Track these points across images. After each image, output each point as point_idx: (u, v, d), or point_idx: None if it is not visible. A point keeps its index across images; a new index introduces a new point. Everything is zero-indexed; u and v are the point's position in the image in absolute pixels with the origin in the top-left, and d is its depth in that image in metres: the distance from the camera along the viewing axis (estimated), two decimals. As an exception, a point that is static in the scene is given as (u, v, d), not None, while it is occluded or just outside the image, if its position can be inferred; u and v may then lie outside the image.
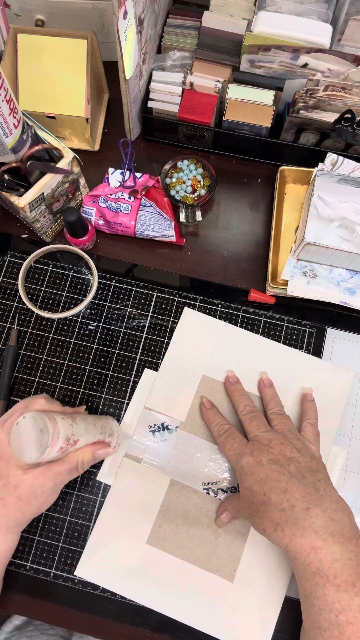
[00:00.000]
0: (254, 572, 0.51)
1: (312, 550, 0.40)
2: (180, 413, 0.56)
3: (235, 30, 0.63)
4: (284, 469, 0.44)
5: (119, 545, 0.52)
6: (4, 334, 0.60)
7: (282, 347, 0.58)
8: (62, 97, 0.62)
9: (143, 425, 0.55)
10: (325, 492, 0.43)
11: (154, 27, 0.61)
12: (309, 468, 0.45)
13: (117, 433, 0.51)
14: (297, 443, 0.47)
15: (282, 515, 0.42)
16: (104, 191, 0.61)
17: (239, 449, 0.47)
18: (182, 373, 0.57)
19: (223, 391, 0.56)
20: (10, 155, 0.51)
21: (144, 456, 0.54)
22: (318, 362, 0.58)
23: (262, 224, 0.66)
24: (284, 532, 0.41)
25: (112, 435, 0.50)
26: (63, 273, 0.62)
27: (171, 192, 0.64)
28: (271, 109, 0.61)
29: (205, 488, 0.53)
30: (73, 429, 0.44)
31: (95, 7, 0.62)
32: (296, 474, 0.44)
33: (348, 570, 0.40)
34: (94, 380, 0.59)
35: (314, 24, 0.57)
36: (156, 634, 0.51)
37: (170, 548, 0.52)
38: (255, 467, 0.45)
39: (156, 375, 0.57)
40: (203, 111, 0.62)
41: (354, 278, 0.59)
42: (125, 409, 0.57)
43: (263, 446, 0.46)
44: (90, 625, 0.52)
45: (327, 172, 0.58)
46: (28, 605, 0.52)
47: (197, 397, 0.56)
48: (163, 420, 0.55)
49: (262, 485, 0.43)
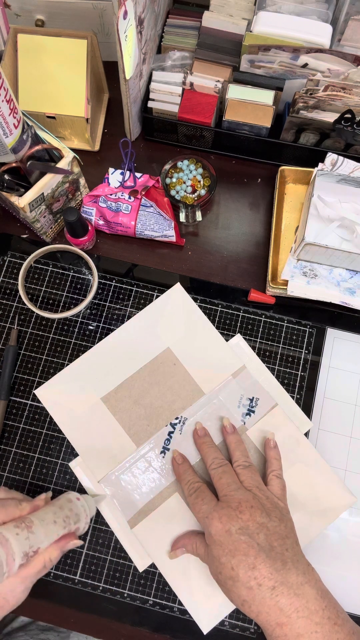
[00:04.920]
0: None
1: (277, 626, 0.42)
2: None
3: (235, 30, 0.63)
4: (253, 540, 0.44)
5: (80, 387, 0.57)
6: (4, 334, 0.60)
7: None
8: (62, 97, 0.62)
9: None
10: (292, 564, 0.43)
11: (154, 27, 0.61)
12: (277, 535, 0.45)
13: (85, 513, 0.49)
14: (267, 503, 0.47)
15: (249, 592, 0.42)
16: (104, 191, 0.61)
17: (207, 512, 0.46)
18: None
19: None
20: (10, 155, 0.51)
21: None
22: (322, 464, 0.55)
23: (262, 224, 0.66)
24: (250, 608, 0.43)
25: (78, 521, 0.48)
26: (63, 273, 0.62)
27: (171, 192, 0.64)
28: (271, 109, 0.61)
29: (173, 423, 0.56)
30: (30, 541, 0.42)
31: (95, 7, 0.62)
32: (265, 546, 0.44)
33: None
34: (94, 380, 0.58)
35: (314, 24, 0.57)
36: (156, 634, 0.52)
37: (118, 415, 0.56)
38: (224, 537, 0.44)
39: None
40: (203, 111, 0.62)
41: (354, 278, 0.59)
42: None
43: (232, 511, 0.45)
44: (90, 625, 0.52)
45: (327, 172, 0.58)
46: (28, 605, 0.52)
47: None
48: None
49: (230, 558, 0.43)
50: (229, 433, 0.54)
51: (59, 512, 0.46)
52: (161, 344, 0.58)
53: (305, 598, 0.42)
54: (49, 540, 0.44)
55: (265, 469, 0.52)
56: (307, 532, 0.52)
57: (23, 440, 0.57)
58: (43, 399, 0.57)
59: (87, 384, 0.57)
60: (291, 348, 0.60)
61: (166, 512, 0.53)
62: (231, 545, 0.44)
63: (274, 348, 0.60)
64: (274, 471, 0.51)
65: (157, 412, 0.56)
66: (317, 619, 0.42)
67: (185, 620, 0.52)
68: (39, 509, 0.46)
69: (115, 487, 0.53)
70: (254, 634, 0.51)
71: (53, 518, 0.45)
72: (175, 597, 0.52)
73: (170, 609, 0.52)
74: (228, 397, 0.57)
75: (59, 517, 0.46)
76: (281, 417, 0.56)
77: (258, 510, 0.45)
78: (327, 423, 0.57)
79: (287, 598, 0.42)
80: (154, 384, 0.57)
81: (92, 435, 0.55)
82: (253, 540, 0.44)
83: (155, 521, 0.53)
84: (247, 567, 0.43)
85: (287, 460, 0.54)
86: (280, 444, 0.54)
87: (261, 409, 0.56)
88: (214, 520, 0.45)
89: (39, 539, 0.43)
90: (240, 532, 0.44)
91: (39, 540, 0.43)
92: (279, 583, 0.42)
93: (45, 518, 0.45)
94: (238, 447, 0.52)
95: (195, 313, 0.60)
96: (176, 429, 0.55)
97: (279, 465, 0.52)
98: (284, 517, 0.47)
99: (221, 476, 0.49)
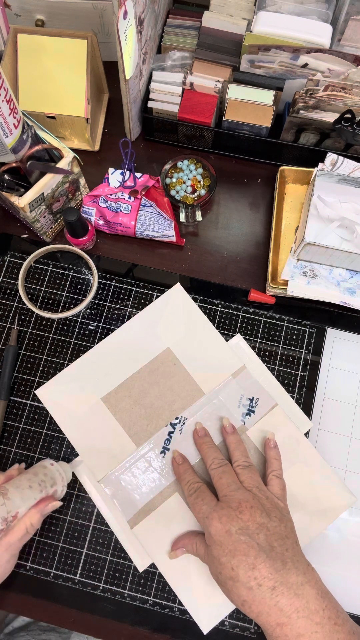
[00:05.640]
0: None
1: (278, 627, 0.42)
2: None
3: (235, 30, 0.63)
4: (253, 540, 0.44)
5: (80, 387, 0.57)
6: (4, 334, 0.60)
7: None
8: (62, 97, 0.62)
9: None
10: (292, 564, 0.43)
11: (154, 27, 0.61)
12: (277, 535, 0.45)
13: (61, 477, 0.50)
14: (267, 503, 0.47)
15: (249, 593, 0.42)
16: (104, 191, 0.61)
17: (207, 512, 0.46)
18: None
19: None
20: (10, 155, 0.51)
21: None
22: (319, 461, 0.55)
23: (262, 224, 0.66)
24: (250, 608, 0.43)
25: (55, 484, 0.49)
26: (63, 273, 0.62)
27: (171, 192, 0.64)
28: (271, 109, 0.61)
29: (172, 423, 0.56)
30: (7, 507, 0.43)
31: (95, 7, 0.62)
32: (265, 546, 0.43)
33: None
34: (94, 380, 0.58)
35: (314, 24, 0.57)
36: (156, 634, 0.52)
37: (119, 415, 0.56)
38: (223, 537, 0.44)
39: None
40: (203, 111, 0.62)
41: (354, 278, 0.59)
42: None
43: (232, 511, 0.45)
44: (90, 625, 0.52)
45: (327, 172, 0.58)
46: (28, 605, 0.52)
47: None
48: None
49: (230, 558, 0.43)
50: (228, 433, 0.54)
51: (33, 478, 0.48)
52: (161, 344, 0.58)
53: (305, 598, 0.42)
54: (27, 504, 0.45)
55: (265, 469, 0.52)
56: (307, 532, 0.52)
57: (23, 440, 0.57)
58: (43, 399, 0.57)
59: (87, 384, 0.57)
60: (291, 348, 0.60)
61: (166, 512, 0.53)
62: (231, 546, 0.44)
63: (274, 348, 0.60)
64: (274, 471, 0.51)
65: (157, 412, 0.56)
66: (317, 619, 0.42)
67: (185, 620, 0.52)
68: (13, 478, 0.47)
69: (115, 487, 0.53)
70: (254, 634, 0.51)
71: (28, 484, 0.47)
72: (175, 597, 0.52)
73: (170, 609, 0.52)
74: (228, 397, 0.57)
75: (34, 482, 0.47)
76: (281, 417, 0.56)
77: (258, 511, 0.45)
78: (327, 423, 0.57)
79: (287, 598, 0.42)
80: (154, 384, 0.57)
81: (92, 435, 0.55)
82: (253, 541, 0.44)
83: (156, 521, 0.53)
84: (247, 567, 0.43)
85: (287, 460, 0.54)
86: (280, 444, 0.54)
87: (261, 409, 0.56)
88: (214, 521, 0.45)
89: (16, 504, 0.45)
90: (240, 532, 0.44)
91: (15, 505, 0.44)
92: (279, 583, 0.42)
93: (20, 485, 0.46)
94: (238, 447, 0.52)
95: (195, 313, 0.60)
96: (176, 429, 0.55)
97: (279, 465, 0.52)
98: (284, 517, 0.47)
99: (221, 476, 0.49)
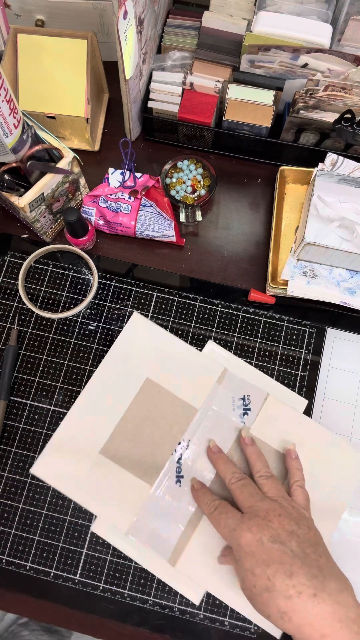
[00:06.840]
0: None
1: (321, 638, 0.39)
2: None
3: (235, 30, 0.63)
4: (286, 547, 0.42)
5: (74, 449, 0.54)
6: (4, 334, 0.60)
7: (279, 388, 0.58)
8: (62, 97, 0.62)
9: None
10: (328, 569, 0.42)
11: (154, 27, 0.61)
12: (308, 542, 0.43)
13: None
14: (293, 512, 0.45)
15: (288, 603, 0.40)
16: (104, 191, 0.61)
17: (234, 525, 0.45)
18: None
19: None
20: (10, 155, 0.51)
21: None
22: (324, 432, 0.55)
23: (262, 224, 0.66)
24: (291, 621, 0.40)
25: None
26: (63, 273, 0.62)
27: (171, 192, 0.64)
28: (271, 109, 0.61)
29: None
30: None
31: (95, 7, 0.62)
32: (299, 553, 0.42)
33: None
34: (94, 380, 0.58)
35: (314, 24, 0.57)
36: (156, 634, 0.52)
37: (122, 462, 0.54)
38: (255, 547, 0.42)
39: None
40: (203, 111, 0.62)
41: (354, 278, 0.59)
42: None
43: (261, 520, 0.44)
44: (90, 625, 0.52)
45: (327, 172, 0.58)
46: (28, 605, 0.52)
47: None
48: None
49: (265, 568, 0.41)
50: (247, 445, 0.53)
51: None
52: (139, 377, 0.56)
53: (345, 606, 0.40)
54: None
55: (288, 480, 0.51)
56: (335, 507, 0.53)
57: (23, 440, 0.57)
58: (42, 476, 0.53)
59: (79, 443, 0.54)
60: (291, 348, 0.60)
61: (201, 538, 0.52)
62: (264, 555, 0.42)
63: (274, 348, 0.60)
64: (297, 482, 0.50)
65: (159, 444, 0.54)
66: (356, 628, 0.39)
67: (186, 620, 0.52)
68: None
69: (144, 532, 0.52)
70: (254, 634, 0.51)
71: None
72: (175, 597, 0.52)
73: (170, 609, 0.52)
74: (220, 404, 0.56)
75: None
76: (277, 404, 0.56)
77: (286, 519, 0.44)
78: (327, 423, 0.57)
79: (329, 606, 0.39)
80: (146, 418, 0.55)
81: (103, 492, 0.53)
82: (286, 548, 0.42)
83: (195, 551, 0.51)
84: (284, 575, 0.40)
85: (297, 445, 0.54)
86: (284, 431, 0.54)
87: (255, 404, 0.56)
88: (244, 532, 0.43)
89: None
90: (272, 540, 0.42)
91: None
92: (319, 590, 0.40)
93: None
94: (259, 459, 0.51)
95: (161, 334, 0.58)
96: (183, 453, 0.54)
97: (301, 476, 0.51)
98: (311, 527, 0.45)
99: (242, 490, 0.48)
